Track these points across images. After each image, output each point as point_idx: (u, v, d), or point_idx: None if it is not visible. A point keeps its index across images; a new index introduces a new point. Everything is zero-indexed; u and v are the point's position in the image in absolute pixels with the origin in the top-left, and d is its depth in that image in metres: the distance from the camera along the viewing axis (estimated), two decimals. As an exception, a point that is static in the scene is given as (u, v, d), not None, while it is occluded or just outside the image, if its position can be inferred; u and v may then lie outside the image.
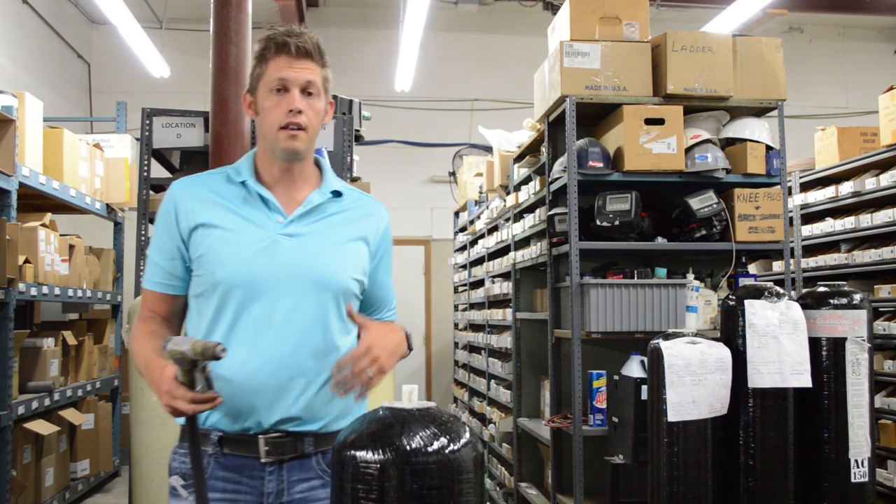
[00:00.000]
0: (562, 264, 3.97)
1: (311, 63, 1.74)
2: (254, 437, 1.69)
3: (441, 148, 9.60)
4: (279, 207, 1.75)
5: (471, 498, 1.36)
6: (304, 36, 1.73)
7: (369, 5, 9.13)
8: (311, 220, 1.77)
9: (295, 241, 1.73)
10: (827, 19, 9.85)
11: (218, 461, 1.71)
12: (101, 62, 9.20)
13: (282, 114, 1.71)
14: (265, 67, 1.74)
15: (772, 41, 3.81)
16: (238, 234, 1.72)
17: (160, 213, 1.80)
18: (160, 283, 1.78)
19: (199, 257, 1.73)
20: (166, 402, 1.55)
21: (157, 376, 1.59)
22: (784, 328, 2.64)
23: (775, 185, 3.73)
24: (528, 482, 4.56)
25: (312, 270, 1.72)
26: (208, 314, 1.72)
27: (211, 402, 1.55)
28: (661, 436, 2.58)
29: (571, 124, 3.63)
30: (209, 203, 1.75)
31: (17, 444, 4.31)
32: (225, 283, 1.70)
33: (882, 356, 4.47)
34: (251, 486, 1.70)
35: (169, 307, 1.80)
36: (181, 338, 1.55)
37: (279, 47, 1.72)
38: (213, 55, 4.38)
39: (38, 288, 4.41)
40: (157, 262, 1.78)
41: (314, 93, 1.75)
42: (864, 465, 2.65)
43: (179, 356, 1.52)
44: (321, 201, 1.79)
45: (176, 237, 1.75)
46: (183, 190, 1.79)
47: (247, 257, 1.70)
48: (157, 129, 4.61)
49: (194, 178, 1.84)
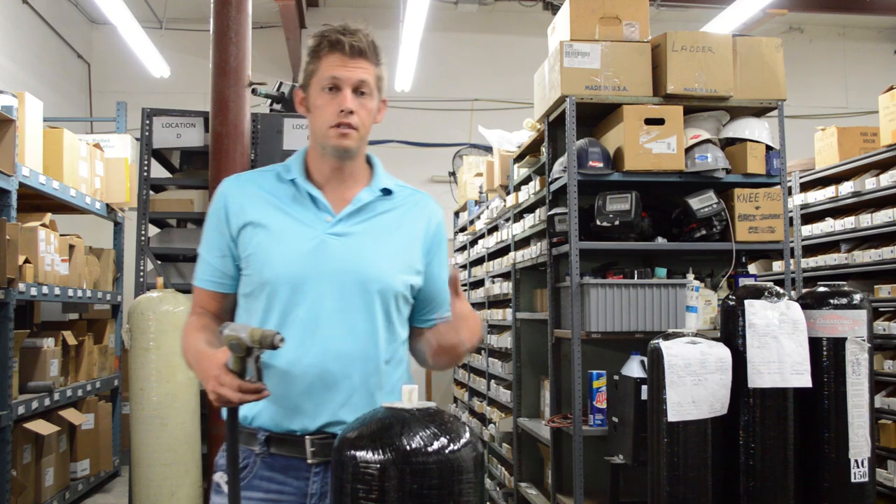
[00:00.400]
0: (562, 264, 3.97)
1: (365, 62, 1.71)
2: (300, 437, 1.68)
3: (441, 148, 9.60)
4: (328, 206, 1.73)
5: (471, 498, 1.37)
6: (359, 34, 1.71)
7: (369, 5, 9.14)
8: (359, 220, 1.74)
9: (342, 240, 1.71)
10: (827, 19, 9.85)
11: (264, 461, 1.69)
12: (101, 62, 9.20)
13: (333, 113, 1.69)
14: (318, 65, 1.71)
15: (772, 41, 3.81)
16: (286, 234, 1.71)
17: (211, 211, 1.79)
18: (211, 281, 1.78)
19: (247, 256, 1.72)
20: (213, 388, 1.52)
21: (205, 363, 1.57)
22: (784, 328, 2.64)
23: (775, 185, 3.73)
24: (528, 482, 4.56)
25: (360, 271, 1.70)
26: (256, 314, 1.71)
27: (258, 394, 1.52)
28: (661, 436, 2.58)
29: (571, 124, 3.63)
30: (259, 201, 1.74)
31: (17, 444, 4.31)
32: (272, 284, 1.69)
33: (882, 356, 4.47)
34: (296, 487, 1.68)
35: (219, 305, 1.79)
36: (239, 324, 1.53)
37: (333, 45, 1.69)
38: (213, 55, 4.37)
39: (38, 288, 4.41)
40: (208, 259, 1.78)
41: (367, 92, 1.72)
42: (864, 465, 2.65)
43: (235, 342, 1.49)
44: (370, 199, 1.76)
45: (226, 235, 1.75)
46: (233, 188, 1.78)
47: (294, 258, 1.69)
48: (157, 129, 4.60)
49: (245, 175, 1.84)
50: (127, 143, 6.17)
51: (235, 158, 4.35)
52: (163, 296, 4.17)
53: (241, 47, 4.36)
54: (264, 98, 4.62)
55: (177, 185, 4.91)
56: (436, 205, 1.87)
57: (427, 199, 1.86)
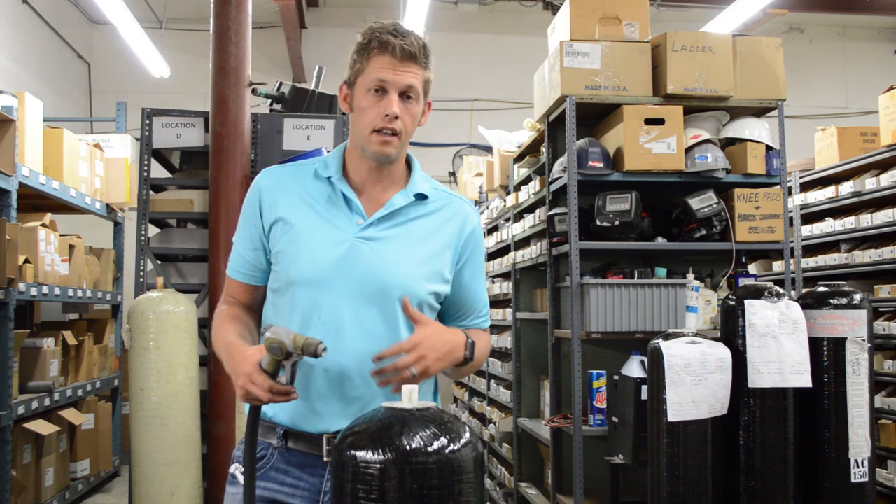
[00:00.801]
0: (562, 264, 3.96)
1: (415, 66, 1.67)
2: (318, 436, 1.68)
3: (441, 148, 9.59)
4: (361, 209, 1.71)
5: (471, 498, 1.36)
6: (411, 37, 1.66)
7: (369, 5, 9.13)
8: (390, 224, 1.72)
9: (371, 245, 1.69)
10: (827, 19, 9.84)
11: (282, 454, 1.70)
12: (101, 62, 9.20)
13: (377, 116, 1.66)
14: (366, 64, 1.67)
15: (772, 41, 3.81)
16: (315, 235, 1.69)
17: (246, 202, 1.78)
18: (242, 273, 1.78)
19: (276, 253, 1.72)
20: (243, 384, 1.53)
21: (238, 358, 1.57)
22: (784, 328, 2.64)
23: (775, 185, 3.73)
24: (528, 482, 4.56)
25: (385, 277, 1.68)
26: (283, 311, 1.70)
27: (287, 396, 1.53)
28: (661, 436, 2.58)
29: (571, 124, 3.63)
30: (293, 197, 1.73)
31: (17, 444, 4.30)
32: (297, 284, 1.68)
33: (882, 356, 4.46)
34: (310, 483, 1.69)
35: (250, 297, 1.79)
36: (282, 328, 1.53)
37: (383, 46, 1.65)
38: (213, 55, 4.38)
39: (38, 288, 4.41)
40: (241, 251, 1.77)
41: (413, 97, 1.68)
42: (864, 465, 2.65)
43: (277, 346, 1.49)
44: (403, 204, 1.73)
45: (259, 228, 1.74)
46: (269, 180, 1.76)
47: (321, 260, 1.67)
48: (157, 129, 4.60)
49: (282, 168, 1.81)
50: (127, 143, 6.17)
51: (235, 158, 4.35)
52: (163, 296, 4.17)
53: (241, 47, 4.36)
54: (264, 98, 4.63)
55: (177, 185, 4.91)
56: (473, 210, 1.83)
57: (463, 204, 1.82)
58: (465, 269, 1.80)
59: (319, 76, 4.87)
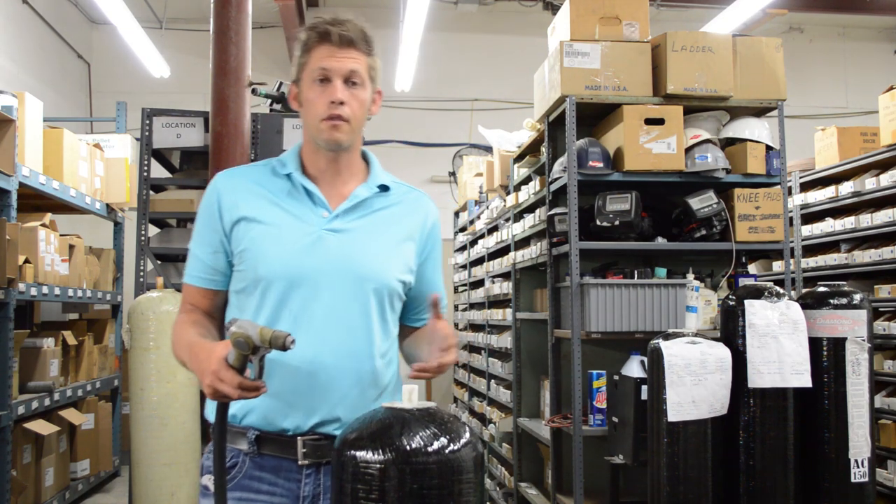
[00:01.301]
0: (562, 264, 3.96)
1: (356, 52, 1.68)
2: (292, 438, 1.64)
3: (441, 148, 9.60)
4: (324, 202, 1.71)
5: (471, 498, 1.36)
6: (348, 24, 1.68)
7: (369, 5, 9.14)
8: (356, 216, 1.72)
9: (339, 236, 1.69)
10: (827, 19, 9.84)
11: (254, 460, 1.66)
12: (101, 62, 9.20)
13: (324, 105, 1.66)
14: (308, 57, 1.69)
15: (772, 41, 3.81)
16: (282, 229, 1.68)
17: (203, 206, 1.76)
18: (201, 278, 1.75)
19: (241, 252, 1.69)
20: (210, 382, 1.48)
21: (203, 356, 1.53)
22: (784, 328, 2.64)
23: (775, 185, 3.73)
24: (528, 482, 4.55)
25: (356, 268, 1.68)
26: (249, 310, 1.68)
27: (256, 392, 1.48)
28: (661, 436, 2.58)
29: (571, 124, 3.63)
30: (253, 196, 1.71)
31: (17, 444, 4.30)
32: (267, 279, 1.66)
33: (882, 356, 4.46)
34: (287, 489, 1.65)
35: (210, 302, 1.76)
36: (247, 321, 1.49)
37: (321, 36, 1.67)
38: (213, 55, 4.38)
39: (38, 288, 4.41)
40: (199, 256, 1.75)
41: (358, 82, 1.69)
42: (864, 465, 2.65)
43: (243, 340, 1.45)
44: (367, 195, 1.74)
45: (219, 230, 1.72)
46: (226, 182, 1.75)
47: (290, 253, 1.66)
48: (157, 129, 4.61)
49: (238, 169, 1.81)
50: (127, 143, 6.17)
51: (235, 158, 4.35)
52: (163, 296, 4.17)
53: (241, 47, 4.36)
54: (264, 98, 4.63)
55: (177, 185, 4.91)
56: (432, 204, 1.85)
57: (424, 197, 1.85)
58: (427, 263, 1.81)
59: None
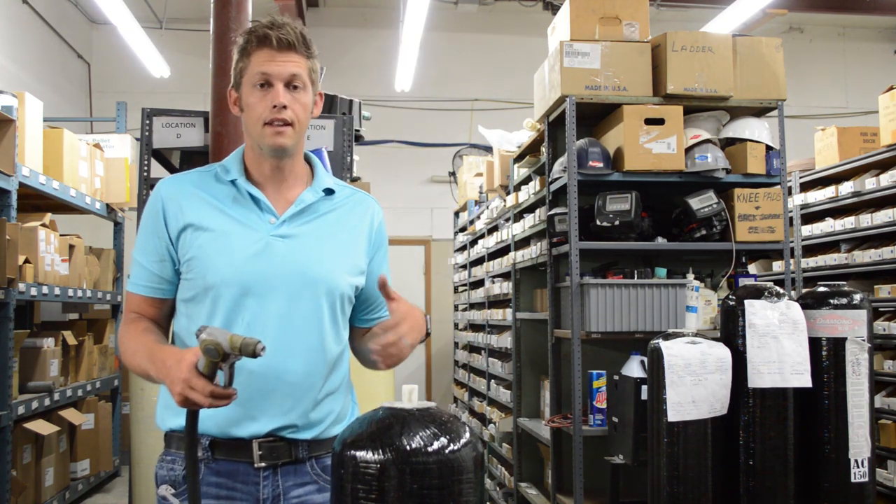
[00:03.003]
0: (562, 264, 3.97)
1: (296, 55, 1.66)
2: (247, 441, 1.63)
3: (441, 148, 9.60)
4: (271, 208, 1.69)
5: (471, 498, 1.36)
6: (287, 27, 1.66)
7: (369, 5, 9.14)
8: (303, 221, 1.71)
9: (287, 242, 1.67)
10: (827, 19, 9.85)
11: (209, 467, 1.64)
12: (101, 62, 9.20)
13: (266, 109, 1.64)
14: (247, 62, 1.66)
15: (772, 41, 3.81)
16: (229, 237, 1.66)
17: (146, 213, 1.72)
18: (147, 287, 1.71)
19: (188, 260, 1.66)
20: (181, 390, 1.45)
21: (171, 363, 1.49)
22: (784, 328, 2.64)
23: (775, 185, 3.73)
24: (528, 482, 4.56)
25: (306, 273, 1.67)
26: (199, 319, 1.65)
27: (228, 399, 1.46)
28: (661, 436, 2.58)
29: (571, 124, 3.63)
30: (198, 203, 1.69)
31: (17, 444, 4.30)
32: (216, 288, 1.64)
33: (882, 356, 4.47)
34: (246, 492, 1.64)
35: (157, 311, 1.73)
36: (217, 329, 1.48)
37: (260, 40, 1.65)
38: (213, 55, 4.37)
39: (38, 288, 4.41)
40: (144, 264, 1.70)
41: (300, 86, 1.67)
42: (864, 465, 2.65)
43: (213, 347, 1.43)
44: (313, 200, 1.73)
45: (164, 238, 1.68)
46: (170, 189, 1.72)
47: (239, 260, 1.64)
48: (157, 129, 4.60)
49: (182, 176, 1.77)
50: (127, 143, 6.17)
51: (235, 158, 4.35)
52: (163, 296, 4.17)
53: (241, 47, 4.36)
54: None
55: (177, 185, 4.91)
56: (377, 204, 1.85)
57: (368, 198, 1.84)
58: (375, 262, 1.81)
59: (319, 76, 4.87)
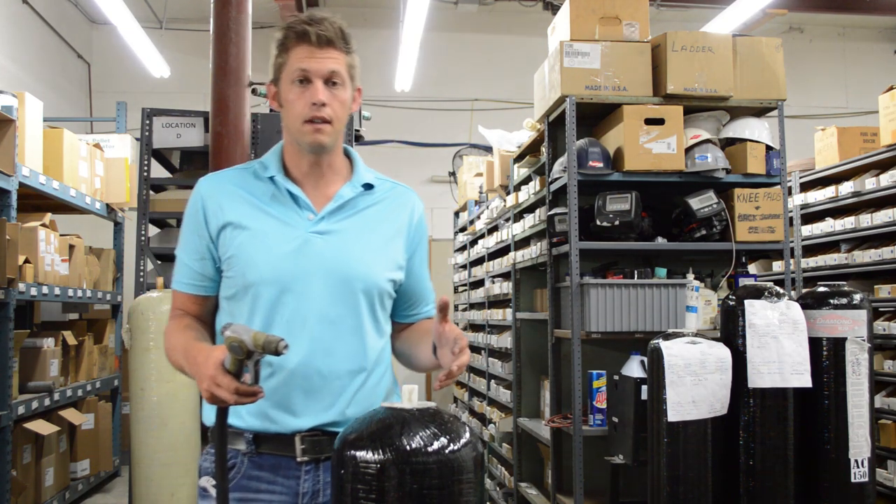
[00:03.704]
0: (562, 264, 3.96)
1: (335, 51, 1.65)
2: (290, 436, 1.64)
3: (441, 148, 9.60)
4: (309, 204, 1.69)
5: (471, 498, 1.36)
6: (326, 23, 1.65)
7: (369, 5, 9.14)
8: (342, 216, 1.71)
9: (326, 238, 1.67)
10: (827, 19, 9.85)
11: (252, 460, 1.66)
12: (101, 62, 9.20)
13: (305, 106, 1.64)
14: (286, 57, 1.66)
15: (772, 41, 3.81)
16: (268, 234, 1.66)
17: (188, 212, 1.74)
18: (190, 284, 1.73)
19: (228, 258, 1.68)
20: (207, 387, 1.48)
21: (200, 360, 1.52)
22: (784, 328, 2.64)
23: (775, 185, 3.73)
24: (528, 482, 4.56)
25: (345, 269, 1.66)
26: (241, 316, 1.66)
27: (253, 397, 1.48)
28: (661, 436, 2.58)
29: (571, 124, 3.63)
30: (237, 200, 1.70)
31: (17, 444, 4.30)
32: (256, 286, 1.65)
33: (882, 356, 4.47)
34: (286, 486, 1.65)
35: (200, 308, 1.75)
36: (241, 326, 1.49)
37: (299, 36, 1.64)
38: (213, 55, 4.38)
39: (38, 288, 4.41)
40: (187, 262, 1.73)
41: (339, 83, 1.66)
42: (864, 465, 2.65)
43: (237, 344, 1.45)
44: (352, 195, 1.72)
45: (205, 236, 1.70)
46: (210, 187, 1.73)
47: (278, 258, 1.65)
48: (157, 129, 4.61)
49: (221, 174, 1.79)
50: (127, 143, 6.17)
51: (235, 158, 4.35)
52: (163, 296, 4.17)
53: (241, 47, 4.36)
54: (264, 98, 4.63)
55: (177, 185, 4.91)
56: (417, 198, 1.83)
57: (409, 192, 1.83)
58: (415, 258, 1.80)
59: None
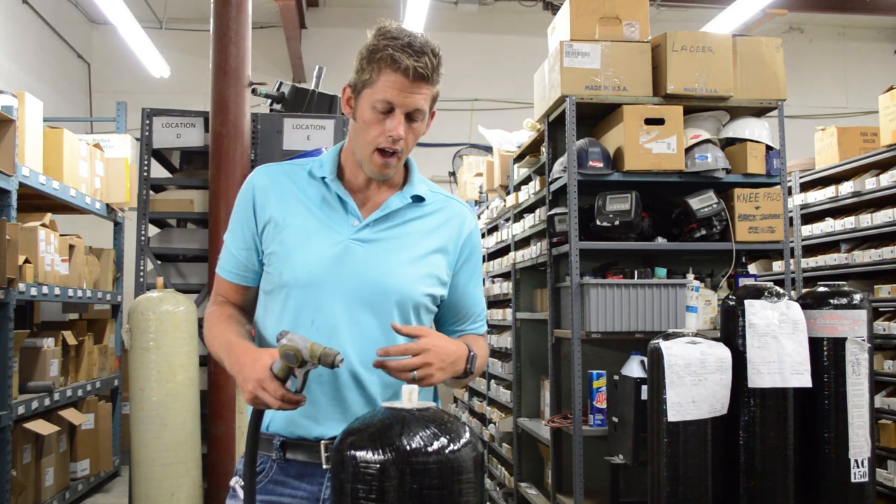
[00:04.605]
0: (562, 264, 3.97)
1: (426, 87, 1.61)
2: (315, 442, 1.64)
3: (441, 148, 9.58)
4: (356, 210, 1.68)
5: (471, 498, 1.36)
6: (426, 57, 1.60)
7: (369, 5, 9.13)
8: (386, 226, 1.68)
9: (366, 247, 1.65)
10: (827, 19, 9.84)
11: (280, 466, 1.67)
12: (101, 62, 9.20)
13: (381, 135, 1.61)
14: (375, 77, 1.60)
15: (772, 41, 3.81)
16: (310, 236, 1.65)
17: (239, 200, 1.73)
18: (233, 273, 1.74)
19: (269, 254, 1.68)
20: (253, 389, 1.49)
21: (246, 361, 1.53)
22: (784, 328, 2.64)
23: (775, 185, 3.73)
24: (528, 482, 4.56)
25: (379, 280, 1.64)
26: (273, 315, 1.67)
27: (297, 404, 1.49)
28: (661, 436, 2.58)
29: (571, 124, 3.63)
30: (288, 197, 1.69)
31: (17, 444, 4.30)
32: (289, 287, 1.64)
33: (882, 356, 4.47)
34: (309, 492, 1.65)
35: (241, 297, 1.75)
36: (298, 336, 1.50)
37: (395, 63, 1.57)
38: (213, 55, 4.38)
39: (38, 288, 4.41)
40: (232, 250, 1.73)
41: (419, 119, 1.64)
42: (864, 465, 2.65)
43: (293, 353, 1.46)
44: (400, 206, 1.70)
45: (252, 227, 1.70)
46: (264, 179, 1.72)
47: (314, 262, 1.64)
48: (157, 129, 4.60)
49: (278, 166, 1.76)
50: (127, 143, 6.17)
51: (235, 158, 4.36)
52: (163, 296, 4.17)
53: (241, 47, 4.37)
54: (264, 98, 4.63)
55: (177, 185, 4.91)
56: (471, 213, 1.80)
57: (461, 206, 1.80)
58: (462, 272, 1.77)
59: (319, 76, 4.87)
